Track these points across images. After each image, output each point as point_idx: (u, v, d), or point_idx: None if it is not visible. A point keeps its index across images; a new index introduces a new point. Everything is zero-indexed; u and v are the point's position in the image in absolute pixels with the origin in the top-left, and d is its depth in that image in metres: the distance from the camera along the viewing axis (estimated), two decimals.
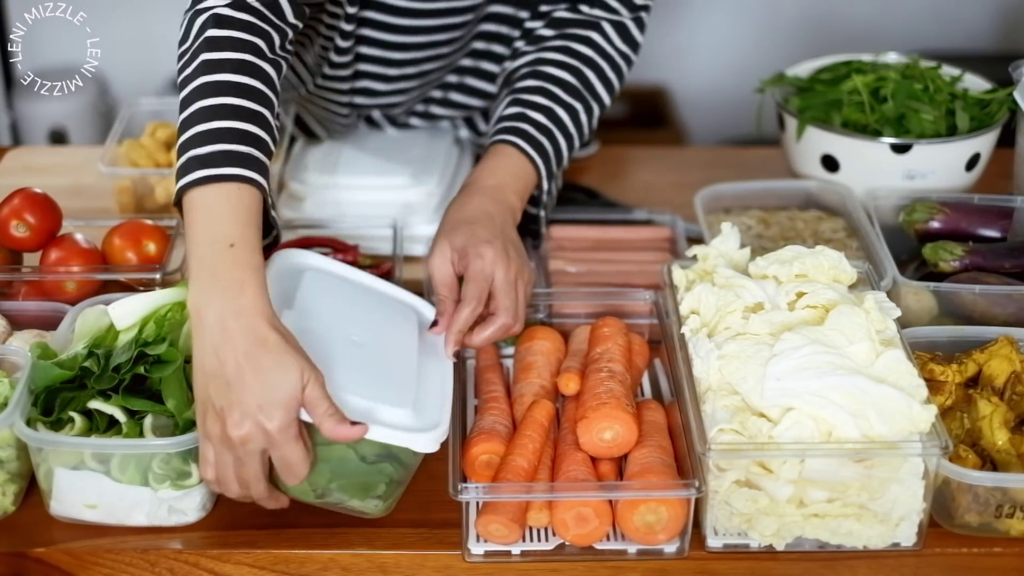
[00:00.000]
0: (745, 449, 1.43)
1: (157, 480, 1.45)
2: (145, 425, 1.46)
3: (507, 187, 1.71)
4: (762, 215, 2.01)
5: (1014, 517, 1.47)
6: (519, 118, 1.77)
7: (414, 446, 1.42)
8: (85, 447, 1.44)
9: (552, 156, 1.77)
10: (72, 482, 1.45)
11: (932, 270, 1.81)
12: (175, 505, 1.47)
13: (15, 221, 1.74)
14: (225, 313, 1.35)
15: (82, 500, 1.46)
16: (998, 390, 1.58)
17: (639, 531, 1.44)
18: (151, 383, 1.48)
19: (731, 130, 3.52)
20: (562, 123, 1.79)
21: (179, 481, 1.45)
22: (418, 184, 1.98)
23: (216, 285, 1.36)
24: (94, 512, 1.47)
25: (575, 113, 1.80)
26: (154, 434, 1.45)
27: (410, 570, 1.47)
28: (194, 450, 1.43)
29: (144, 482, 1.45)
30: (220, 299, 1.35)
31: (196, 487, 1.46)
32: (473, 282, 1.59)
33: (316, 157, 2.05)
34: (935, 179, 2.00)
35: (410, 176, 2.00)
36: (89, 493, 1.46)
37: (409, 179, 1.99)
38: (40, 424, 1.46)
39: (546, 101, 1.79)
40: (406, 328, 1.59)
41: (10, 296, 1.74)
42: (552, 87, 1.80)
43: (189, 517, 1.48)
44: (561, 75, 1.81)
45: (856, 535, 1.45)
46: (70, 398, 1.47)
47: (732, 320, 1.56)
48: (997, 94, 2.05)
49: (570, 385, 1.59)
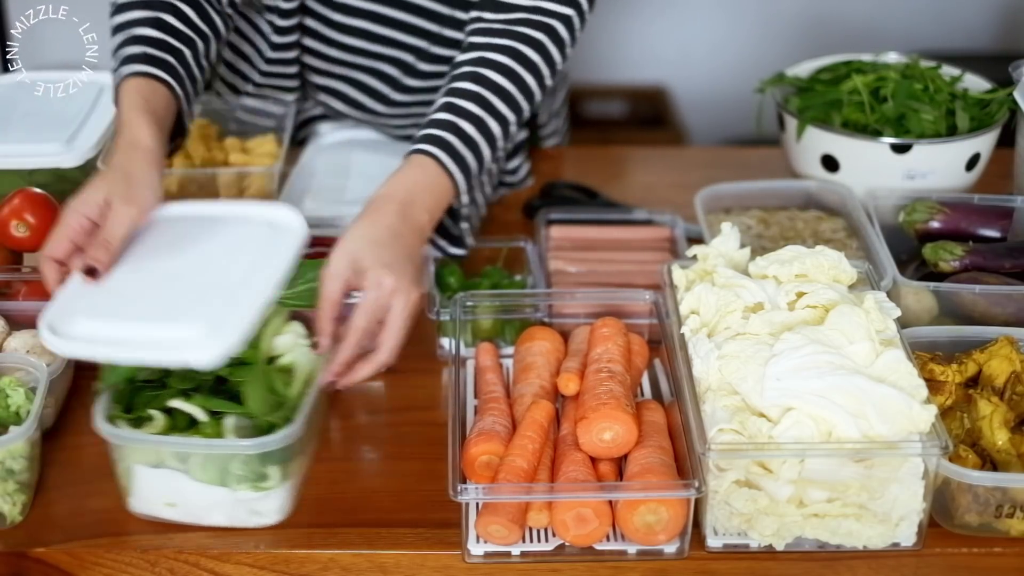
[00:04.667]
0: (745, 449, 1.43)
1: (236, 481, 1.45)
2: (226, 425, 1.46)
3: (418, 203, 1.65)
4: (762, 215, 2.01)
5: (1014, 517, 1.47)
6: (447, 127, 1.70)
7: (183, 361, 1.41)
8: (165, 445, 1.45)
9: (474, 170, 1.72)
10: (152, 480, 1.46)
11: (932, 270, 1.81)
12: (254, 507, 1.47)
13: (15, 221, 1.74)
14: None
15: (161, 498, 1.47)
16: (998, 390, 1.58)
17: (639, 531, 1.44)
18: (232, 384, 1.48)
19: (731, 130, 3.52)
20: (491, 135, 1.73)
21: (258, 483, 1.45)
22: None
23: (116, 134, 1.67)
24: (173, 511, 1.47)
25: (506, 124, 1.75)
26: (234, 435, 1.45)
27: (410, 570, 1.47)
28: (274, 453, 1.43)
29: (223, 482, 1.45)
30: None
31: (275, 489, 1.46)
32: (364, 314, 1.54)
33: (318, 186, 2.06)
34: (935, 179, 2.00)
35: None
36: (169, 491, 1.46)
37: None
38: (121, 421, 1.47)
39: (480, 111, 1.72)
40: (247, 247, 1.57)
41: (10, 296, 1.74)
42: (489, 95, 1.73)
43: (268, 519, 1.48)
44: (501, 82, 1.74)
45: (856, 535, 1.45)
46: (151, 396, 1.49)
47: (732, 320, 1.56)
48: (997, 94, 2.05)
49: (570, 385, 1.59)
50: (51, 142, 1.92)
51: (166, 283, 1.52)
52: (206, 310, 1.46)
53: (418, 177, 1.67)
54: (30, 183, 1.84)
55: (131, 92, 1.68)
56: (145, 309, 1.48)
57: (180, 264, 1.55)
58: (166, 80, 1.69)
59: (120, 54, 1.72)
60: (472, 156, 1.71)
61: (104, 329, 1.46)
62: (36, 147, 1.92)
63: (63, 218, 1.55)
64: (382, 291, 1.55)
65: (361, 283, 1.56)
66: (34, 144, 1.93)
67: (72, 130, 1.95)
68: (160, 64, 1.70)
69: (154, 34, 1.72)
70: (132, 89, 1.68)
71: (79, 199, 1.56)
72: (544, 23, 1.78)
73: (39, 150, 1.92)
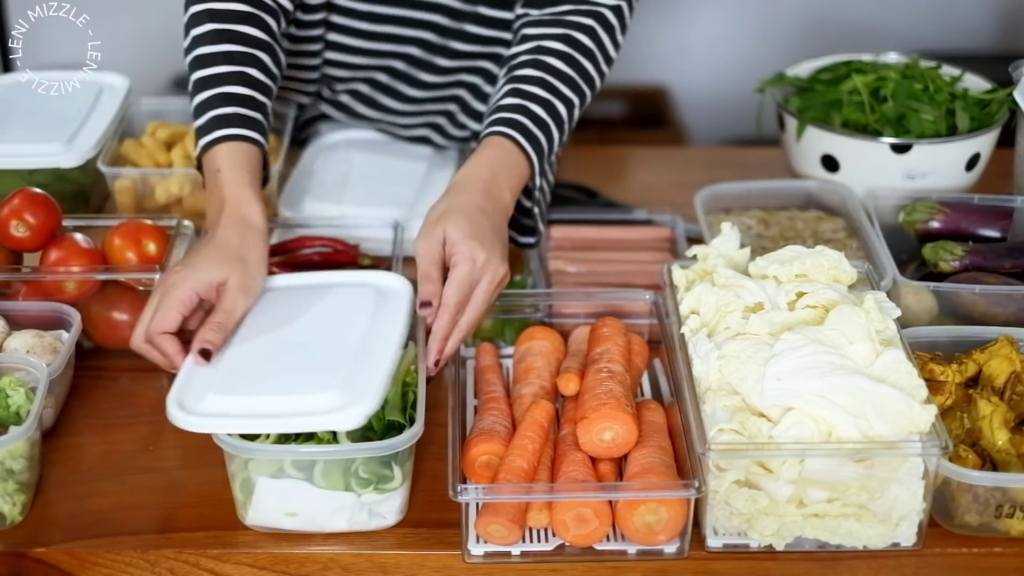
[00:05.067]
0: (745, 449, 1.43)
1: (361, 485, 1.45)
2: (339, 431, 1.46)
3: (502, 182, 1.69)
4: (762, 215, 2.01)
5: (1014, 517, 1.47)
6: (517, 110, 1.75)
7: (330, 427, 1.42)
8: (287, 455, 1.44)
9: (546, 151, 1.77)
10: (273, 491, 1.45)
11: (932, 270, 1.81)
12: (375, 509, 1.47)
13: (15, 221, 1.74)
14: (214, 209, 1.64)
15: (282, 508, 1.46)
16: (998, 390, 1.58)
17: (639, 531, 1.44)
18: None
19: (731, 130, 3.52)
20: (559, 117, 1.78)
21: (381, 485, 1.46)
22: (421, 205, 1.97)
23: (211, 197, 1.66)
24: (294, 520, 1.47)
25: (572, 107, 1.80)
26: (348, 439, 1.45)
27: (410, 570, 1.47)
28: (398, 453, 1.44)
29: (347, 487, 1.45)
30: (212, 203, 1.65)
31: (397, 490, 1.47)
32: (457, 287, 1.57)
33: (317, 186, 2.06)
34: (935, 179, 2.00)
35: (407, 206, 1.99)
36: (290, 501, 1.46)
37: (407, 209, 1.99)
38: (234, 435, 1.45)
39: (545, 94, 1.77)
40: (358, 313, 1.58)
41: (10, 296, 1.74)
42: (552, 79, 1.78)
43: (388, 520, 1.49)
44: (561, 67, 1.79)
45: (856, 535, 1.45)
46: None
47: (732, 320, 1.56)
48: (997, 94, 2.05)
49: (570, 385, 1.59)
50: (51, 142, 1.92)
51: (285, 354, 1.52)
52: (338, 379, 1.46)
53: (498, 156, 1.71)
54: (30, 183, 1.84)
55: (231, 160, 1.65)
56: (274, 382, 1.48)
57: (294, 335, 1.55)
58: (259, 141, 1.68)
59: (211, 114, 1.68)
60: (544, 136, 1.75)
61: (237, 404, 1.45)
62: (36, 147, 1.92)
63: (172, 291, 1.52)
64: (475, 265, 1.58)
65: (452, 258, 1.58)
66: (34, 144, 1.93)
67: (72, 130, 1.95)
68: (252, 125, 1.68)
69: (242, 91, 1.69)
70: (231, 156, 1.66)
71: (193, 276, 1.53)
72: (593, 11, 1.82)
73: (39, 150, 1.92)
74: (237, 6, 1.74)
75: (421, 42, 2.02)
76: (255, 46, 1.73)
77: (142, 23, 3.41)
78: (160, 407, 1.46)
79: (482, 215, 1.63)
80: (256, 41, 1.74)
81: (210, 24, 1.73)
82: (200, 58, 1.72)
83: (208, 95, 1.69)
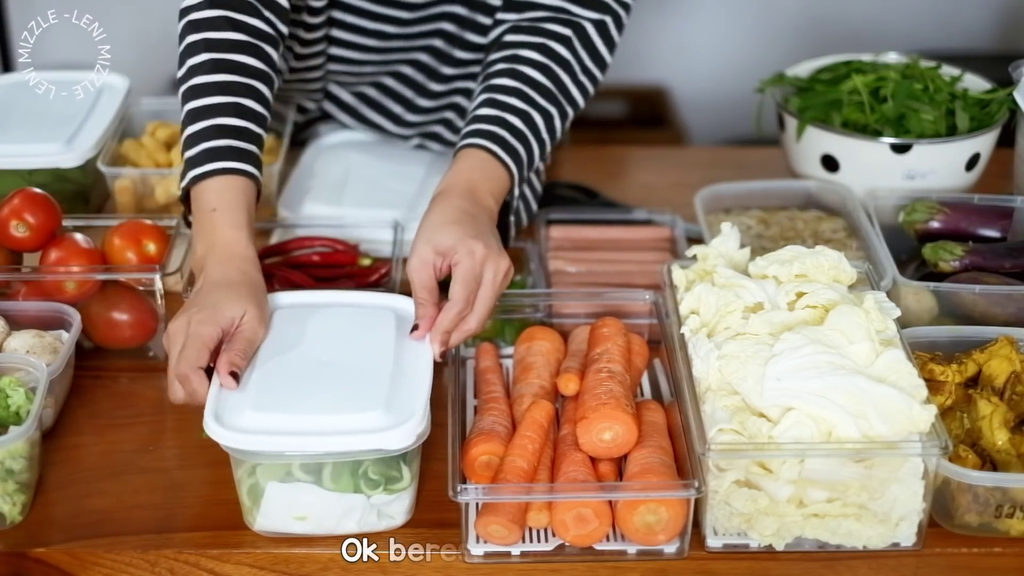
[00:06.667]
0: (745, 449, 1.43)
1: (370, 486, 1.45)
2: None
3: (483, 190, 1.68)
4: (762, 215, 2.01)
5: (1014, 517, 1.47)
6: (494, 121, 1.73)
7: (386, 446, 1.42)
8: (295, 458, 1.43)
9: (525, 162, 1.75)
10: (282, 495, 1.45)
11: (932, 270, 1.81)
12: (386, 510, 1.47)
13: (15, 221, 1.74)
14: (203, 248, 1.62)
15: (291, 513, 1.46)
16: (998, 390, 1.58)
17: (639, 531, 1.44)
18: None
19: (731, 130, 3.52)
20: (536, 128, 1.76)
21: (390, 486, 1.45)
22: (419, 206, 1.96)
23: (200, 234, 1.64)
24: (303, 524, 1.46)
25: (550, 118, 1.77)
26: None
27: (410, 570, 1.47)
28: (407, 453, 1.44)
29: (357, 489, 1.45)
30: (202, 240, 1.63)
31: (406, 490, 1.47)
32: (463, 283, 1.57)
33: (317, 187, 2.06)
34: (935, 179, 2.00)
35: (407, 206, 1.99)
36: (299, 505, 1.45)
37: (407, 210, 1.99)
38: None
39: (522, 104, 1.75)
40: (381, 333, 1.58)
41: (10, 296, 1.74)
42: (528, 89, 1.76)
43: (397, 520, 1.49)
44: (537, 77, 1.77)
45: (856, 535, 1.45)
46: None
47: (732, 320, 1.56)
48: (997, 94, 2.05)
49: (570, 385, 1.59)
50: (51, 142, 1.92)
51: (315, 373, 1.51)
52: (380, 398, 1.46)
53: (475, 168, 1.70)
54: (30, 183, 1.84)
55: (227, 197, 1.64)
56: (311, 400, 1.46)
57: (317, 353, 1.54)
58: (253, 174, 1.66)
59: (204, 146, 1.65)
60: (522, 147, 1.74)
61: (279, 421, 1.43)
62: (36, 147, 1.92)
63: (200, 330, 1.51)
64: (475, 259, 1.58)
65: (451, 260, 1.58)
66: (34, 144, 1.93)
67: (72, 130, 1.95)
68: (247, 158, 1.66)
69: (237, 123, 1.67)
70: (226, 192, 1.64)
71: (218, 315, 1.52)
72: (571, 21, 1.81)
73: (39, 150, 1.92)
74: (234, 35, 1.71)
75: (429, 49, 2.02)
76: (253, 76, 1.70)
77: (142, 23, 3.41)
78: (160, 407, 1.46)
79: (469, 217, 1.62)
80: (254, 71, 1.71)
81: (207, 54, 1.70)
82: (195, 88, 1.69)
83: (202, 126, 1.66)
